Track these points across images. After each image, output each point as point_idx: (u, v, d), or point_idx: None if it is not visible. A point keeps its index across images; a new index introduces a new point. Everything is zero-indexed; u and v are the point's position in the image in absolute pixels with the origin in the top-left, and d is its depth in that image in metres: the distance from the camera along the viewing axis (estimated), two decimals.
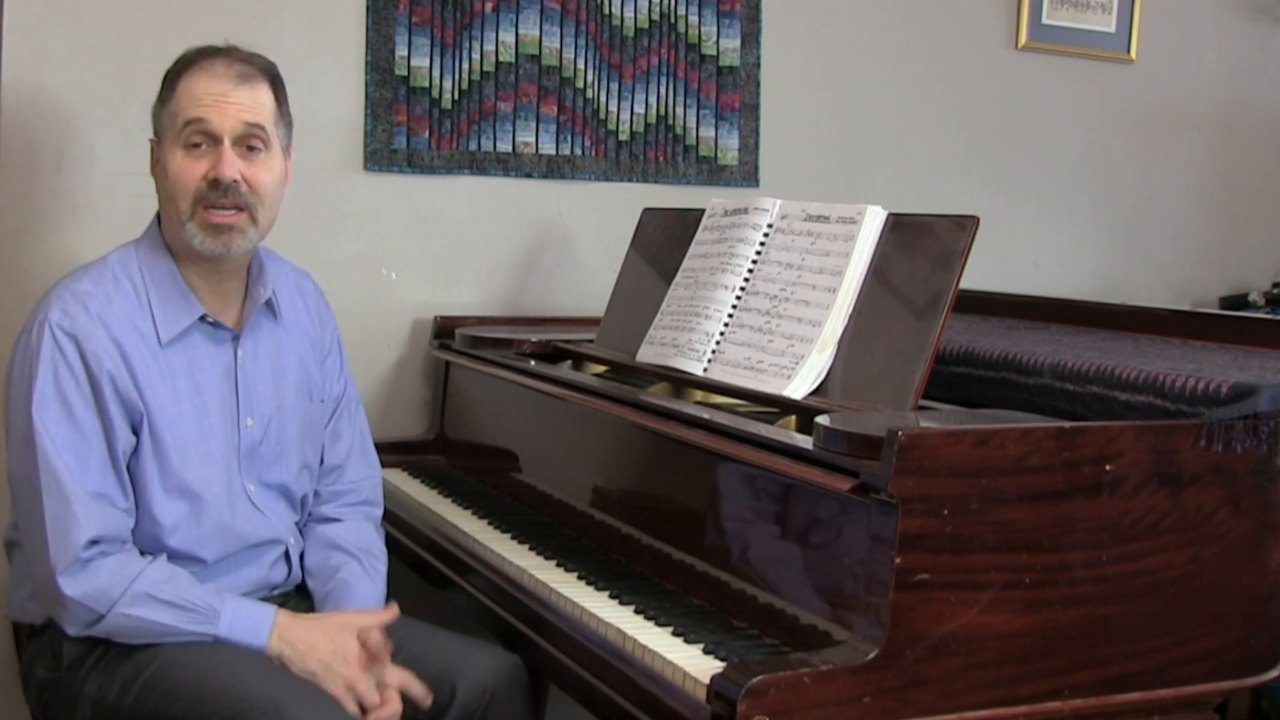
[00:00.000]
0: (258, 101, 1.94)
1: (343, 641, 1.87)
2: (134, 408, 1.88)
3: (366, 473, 2.22)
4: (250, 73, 1.95)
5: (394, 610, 1.99)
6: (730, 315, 2.13)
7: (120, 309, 1.90)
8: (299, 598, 2.13)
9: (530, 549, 2.08)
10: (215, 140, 1.90)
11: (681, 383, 2.20)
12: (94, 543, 1.81)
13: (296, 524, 2.11)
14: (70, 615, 1.82)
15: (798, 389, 1.94)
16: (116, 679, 1.85)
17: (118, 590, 1.81)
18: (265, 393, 2.04)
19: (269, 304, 2.06)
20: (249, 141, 1.92)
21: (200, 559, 1.94)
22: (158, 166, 1.96)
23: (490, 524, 2.24)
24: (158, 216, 2.02)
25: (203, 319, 1.96)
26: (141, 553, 1.89)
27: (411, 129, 2.79)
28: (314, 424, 2.14)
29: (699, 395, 2.19)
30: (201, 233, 1.90)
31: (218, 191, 1.89)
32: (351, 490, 2.19)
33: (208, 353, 1.98)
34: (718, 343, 2.12)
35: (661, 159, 3.04)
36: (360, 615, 1.95)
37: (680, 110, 3.05)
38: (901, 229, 1.97)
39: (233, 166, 1.89)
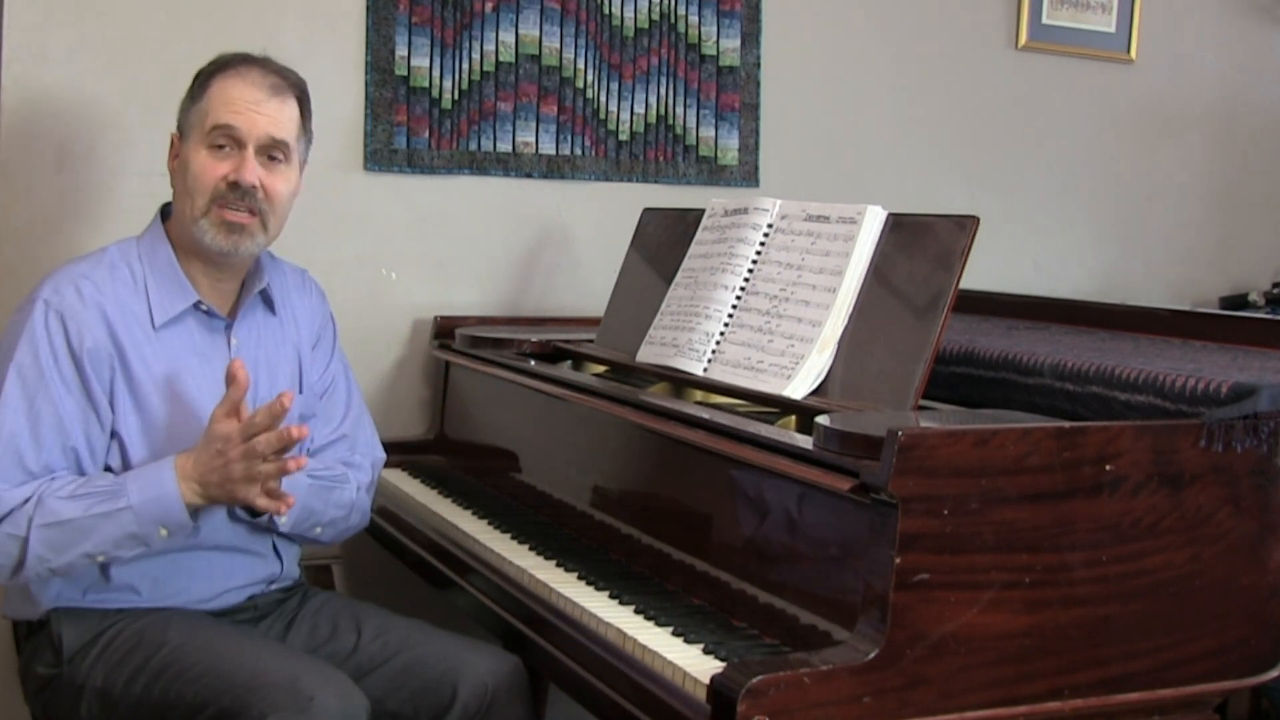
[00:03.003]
0: (285, 116, 2.00)
1: (207, 440, 1.82)
2: (116, 385, 1.91)
3: (349, 449, 2.22)
4: (282, 86, 2.01)
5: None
6: (730, 315, 2.13)
7: (114, 292, 1.95)
8: (299, 596, 2.14)
9: (530, 549, 2.08)
10: (240, 145, 1.96)
11: (681, 383, 2.19)
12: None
13: None
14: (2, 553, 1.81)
15: (798, 389, 1.94)
16: (124, 669, 1.86)
17: (30, 506, 1.80)
18: (258, 381, 2.06)
19: (264, 296, 2.10)
20: (271, 152, 1.98)
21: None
22: (176, 160, 2.01)
23: (490, 524, 2.24)
24: (160, 213, 2.06)
25: (197, 306, 2.00)
26: None
27: (411, 129, 2.79)
28: (307, 415, 2.15)
29: (699, 395, 2.19)
30: (214, 229, 1.96)
31: (236, 194, 1.95)
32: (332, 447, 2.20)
33: (201, 339, 2.01)
34: (718, 343, 2.12)
35: (661, 159, 3.04)
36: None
37: (680, 110, 3.05)
38: (901, 229, 1.97)
39: (253, 172, 1.96)
